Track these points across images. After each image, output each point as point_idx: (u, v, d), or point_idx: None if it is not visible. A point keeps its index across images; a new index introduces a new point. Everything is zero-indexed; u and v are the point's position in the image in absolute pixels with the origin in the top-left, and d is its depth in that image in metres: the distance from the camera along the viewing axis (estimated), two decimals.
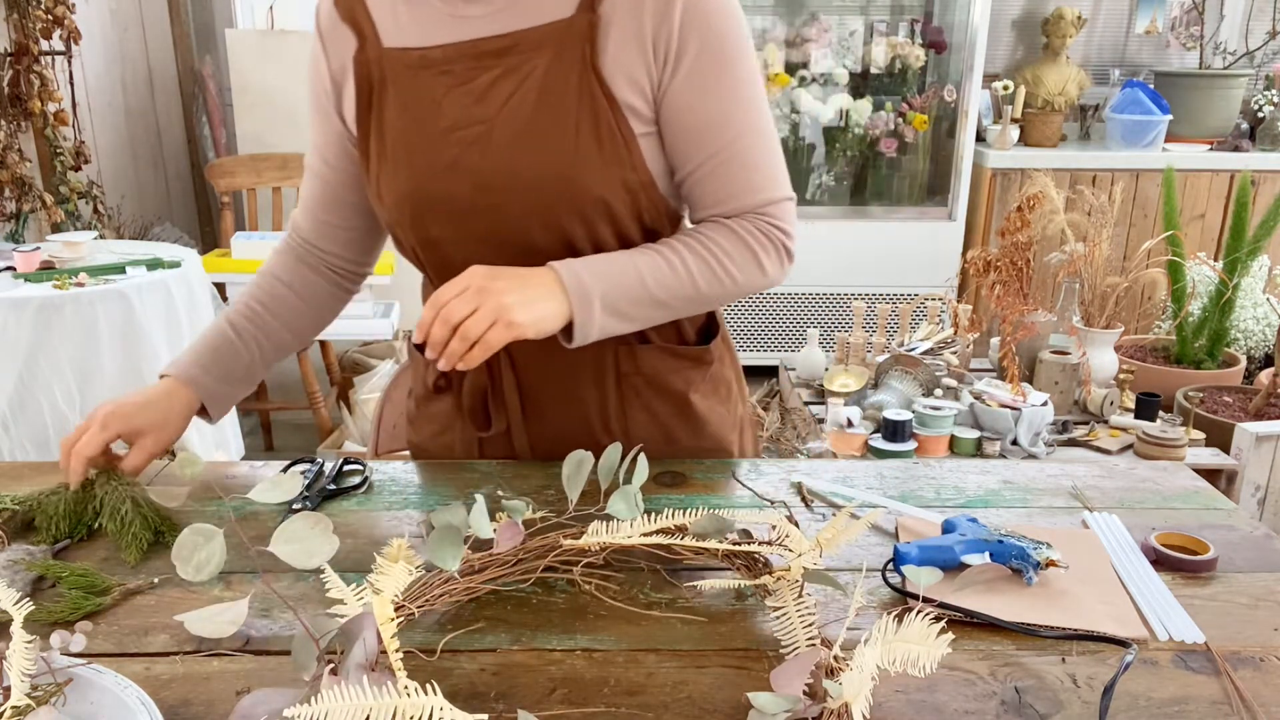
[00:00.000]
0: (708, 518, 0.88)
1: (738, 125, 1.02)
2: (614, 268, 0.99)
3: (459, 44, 1.00)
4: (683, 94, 1.00)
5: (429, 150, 1.02)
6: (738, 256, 1.04)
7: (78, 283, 2.37)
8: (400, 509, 1.04)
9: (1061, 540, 0.94)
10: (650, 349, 1.12)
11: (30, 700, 0.66)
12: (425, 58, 1.02)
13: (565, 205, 1.00)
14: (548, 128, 0.98)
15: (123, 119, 3.63)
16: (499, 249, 1.01)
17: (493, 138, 0.99)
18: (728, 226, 1.04)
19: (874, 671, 0.66)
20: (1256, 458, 2.41)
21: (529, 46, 0.98)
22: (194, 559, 0.87)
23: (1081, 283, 2.87)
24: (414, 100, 1.03)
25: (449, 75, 1.01)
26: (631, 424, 1.14)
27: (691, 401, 1.15)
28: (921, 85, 4.04)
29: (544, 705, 0.72)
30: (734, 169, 1.03)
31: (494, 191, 1.00)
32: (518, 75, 0.99)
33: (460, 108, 1.00)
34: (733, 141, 1.02)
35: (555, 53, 0.98)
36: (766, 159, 1.05)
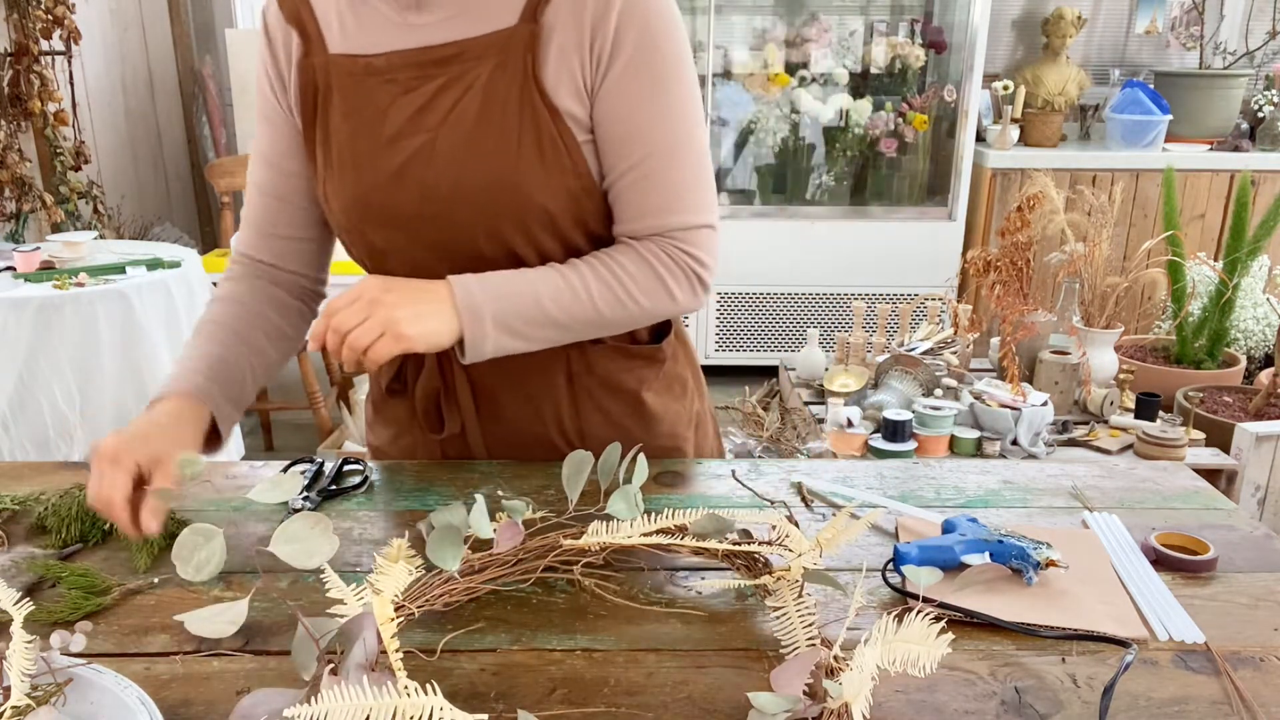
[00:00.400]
0: (708, 518, 0.88)
1: (661, 140, 1.00)
2: (511, 287, 0.98)
3: (405, 51, 1.00)
4: (611, 99, 0.99)
5: (374, 159, 1.01)
6: (644, 282, 1.01)
7: (78, 283, 2.37)
8: (400, 509, 1.04)
9: (1061, 540, 0.94)
10: (602, 349, 1.11)
11: (30, 700, 0.66)
12: (370, 65, 1.01)
13: (509, 214, 0.99)
14: (490, 137, 0.98)
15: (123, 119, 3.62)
16: (445, 258, 1.01)
17: (437, 147, 0.99)
18: (636, 251, 1.02)
19: (874, 671, 0.66)
20: (1256, 458, 2.41)
21: (472, 56, 0.98)
22: (194, 559, 0.87)
23: (1081, 283, 2.87)
24: (359, 108, 1.02)
25: (394, 84, 1.00)
26: (585, 423, 1.13)
27: (644, 399, 1.14)
28: (921, 85, 4.04)
29: (544, 705, 0.72)
30: (653, 185, 1.01)
31: (438, 201, 1.00)
32: (461, 84, 0.99)
33: (405, 117, 1.00)
34: (653, 156, 1.00)
35: (498, 62, 0.98)
36: (689, 180, 1.02)
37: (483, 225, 1.00)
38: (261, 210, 1.13)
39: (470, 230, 1.00)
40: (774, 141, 4.07)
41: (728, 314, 4.03)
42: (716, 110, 4.00)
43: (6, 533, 0.97)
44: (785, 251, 3.94)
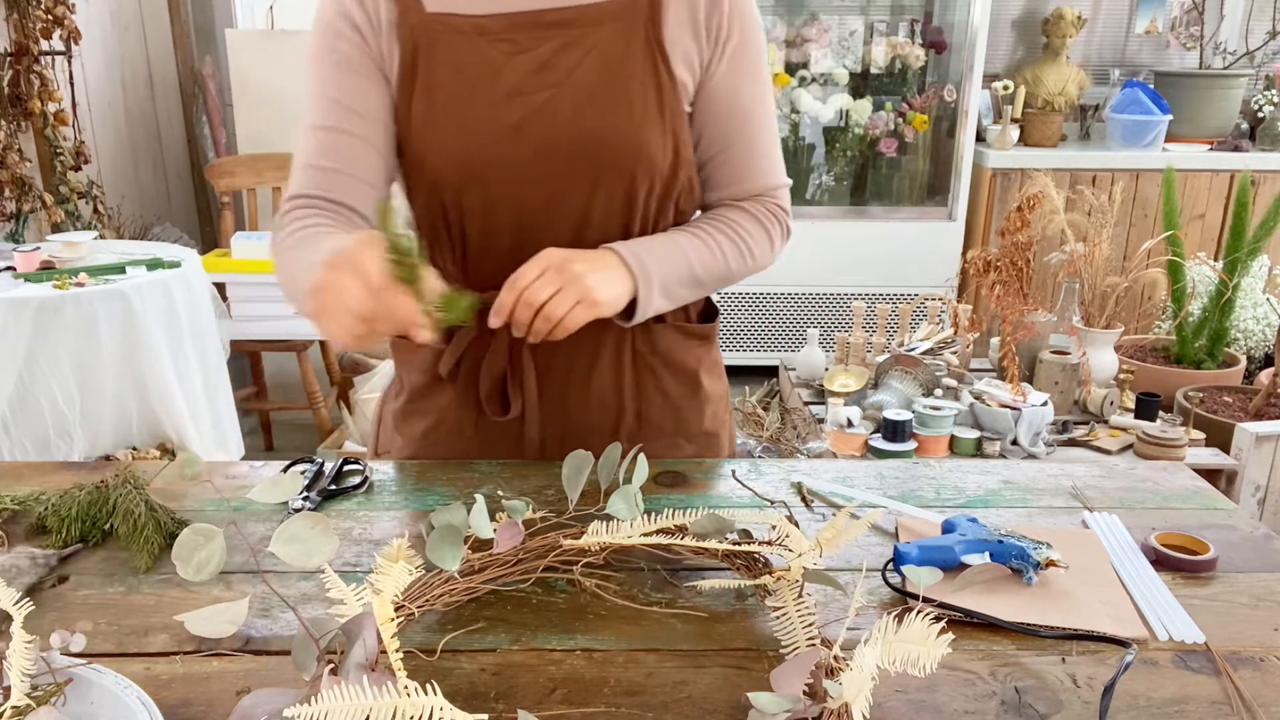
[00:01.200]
0: (708, 518, 0.88)
1: (761, 113, 1.12)
2: (665, 250, 1.06)
3: (517, 13, 1.04)
4: (726, 77, 1.09)
5: (490, 114, 1.03)
6: (758, 236, 1.13)
7: (78, 283, 2.37)
8: (400, 509, 1.04)
9: (1061, 540, 0.94)
10: (664, 327, 1.17)
11: (30, 700, 0.66)
12: (479, 25, 1.04)
13: (625, 171, 1.04)
14: (614, 96, 1.03)
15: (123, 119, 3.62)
16: (552, 216, 1.06)
17: (560, 103, 1.03)
18: (744, 210, 1.14)
19: (874, 671, 0.66)
20: (1256, 458, 2.41)
21: (590, 20, 1.03)
22: (194, 559, 0.87)
23: (1081, 283, 2.87)
24: (470, 65, 1.04)
25: (509, 43, 1.04)
26: (645, 404, 1.17)
27: (701, 380, 1.20)
28: (921, 85, 4.04)
29: (544, 705, 0.72)
30: (754, 153, 1.13)
31: (557, 157, 1.03)
32: (581, 46, 1.03)
33: (522, 74, 1.03)
34: (757, 128, 1.12)
35: (619, 27, 1.03)
36: (776, 146, 1.16)
37: (600, 182, 1.05)
38: (330, 148, 1.06)
39: (585, 188, 1.05)
40: None
41: (728, 314, 4.03)
42: None
43: (6, 533, 0.97)
44: (785, 251, 3.93)
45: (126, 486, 1.00)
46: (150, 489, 1.03)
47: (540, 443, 1.16)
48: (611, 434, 1.16)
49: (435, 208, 1.08)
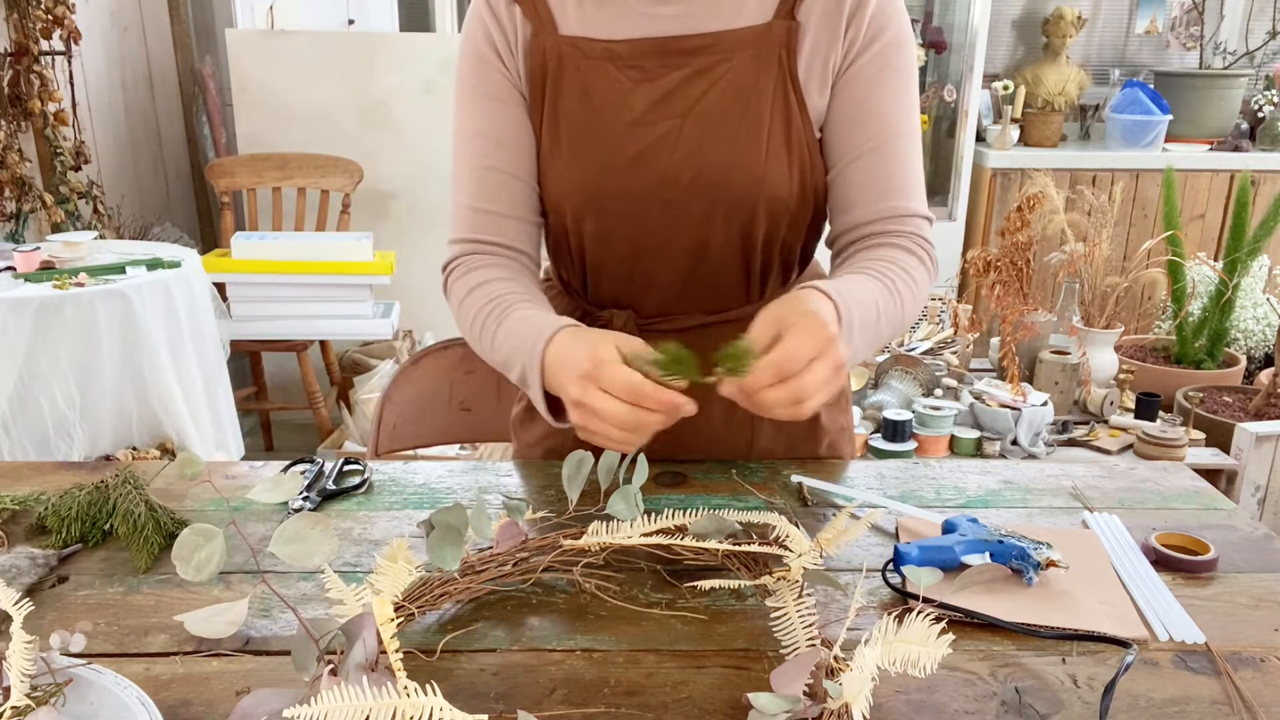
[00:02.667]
0: (708, 518, 0.88)
1: (901, 125, 1.03)
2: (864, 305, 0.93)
3: (648, 40, 1.01)
4: (856, 83, 1.02)
5: (611, 142, 1.02)
6: (921, 280, 1.03)
7: (78, 283, 2.37)
8: (400, 509, 1.04)
9: (1061, 540, 0.94)
10: None
11: (30, 700, 0.66)
12: (610, 50, 1.02)
13: (747, 205, 1.01)
14: (740, 128, 1.00)
15: (123, 119, 3.62)
16: (669, 247, 1.04)
17: (683, 134, 1.01)
18: (902, 249, 1.02)
19: (874, 672, 0.66)
20: (1256, 458, 2.41)
21: (724, 49, 1.00)
22: (194, 559, 0.87)
23: (1081, 283, 2.87)
24: (596, 91, 1.03)
25: (637, 70, 1.02)
26: (759, 435, 1.14)
27: (820, 415, 1.15)
28: (921, 85, 4.04)
29: (544, 705, 0.72)
30: (890, 166, 1.03)
31: (677, 189, 1.01)
32: (710, 76, 1.01)
33: (648, 103, 1.01)
34: (894, 139, 1.03)
35: (752, 56, 1.00)
36: (917, 170, 1.06)
37: (719, 215, 1.02)
38: (488, 188, 1.06)
39: (703, 220, 1.02)
40: None
41: None
42: None
43: (6, 533, 0.97)
44: None
45: (126, 486, 1.00)
46: (150, 489, 1.03)
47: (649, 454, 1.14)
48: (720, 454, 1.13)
49: (558, 228, 1.09)
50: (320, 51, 3.33)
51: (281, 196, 3.35)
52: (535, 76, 1.05)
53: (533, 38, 1.04)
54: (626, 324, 1.09)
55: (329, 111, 3.34)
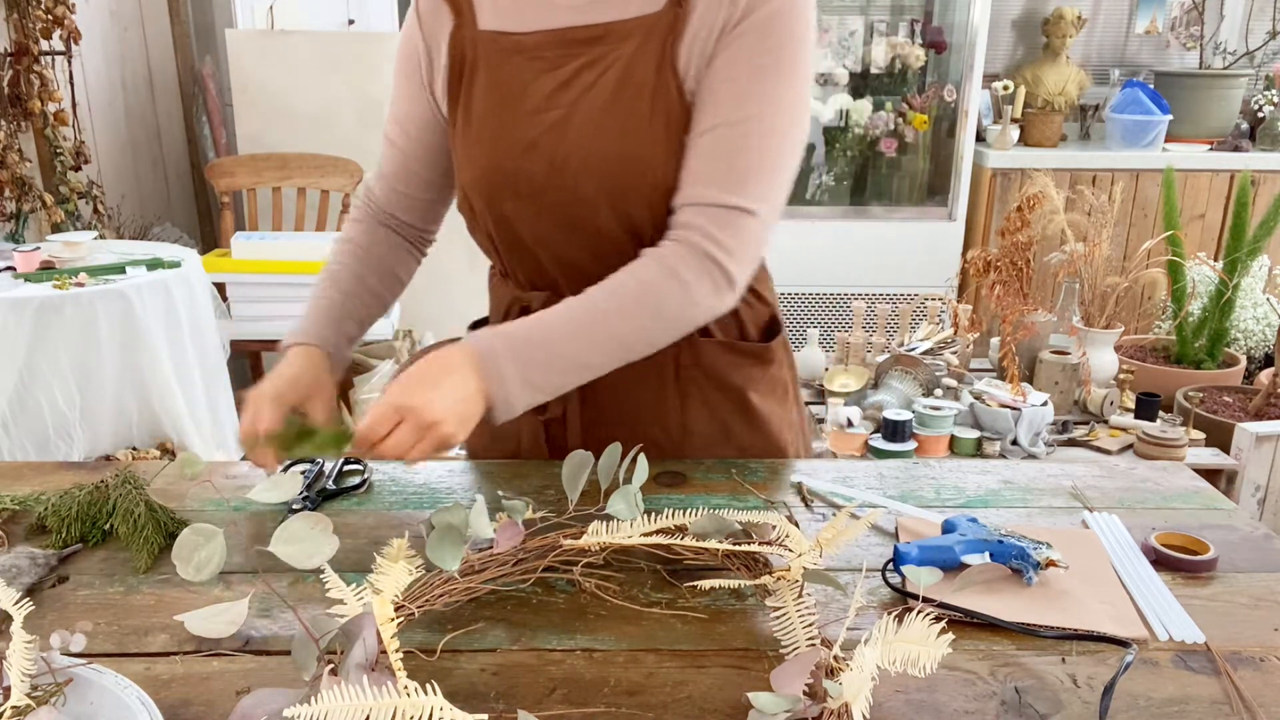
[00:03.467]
0: (708, 518, 0.88)
1: (754, 110, 0.98)
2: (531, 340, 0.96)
3: (551, 31, 1.04)
4: (722, 55, 0.99)
5: (511, 131, 1.05)
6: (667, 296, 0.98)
7: (78, 283, 2.37)
8: (400, 509, 1.04)
9: (1061, 540, 0.94)
10: (711, 343, 1.14)
11: (30, 700, 0.66)
12: (519, 43, 1.05)
13: (633, 189, 1.02)
14: (622, 115, 1.01)
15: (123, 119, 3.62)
16: (569, 230, 1.06)
17: (571, 121, 1.03)
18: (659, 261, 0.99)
19: (874, 671, 0.66)
20: (1256, 458, 2.41)
21: (616, 38, 1.02)
22: (194, 559, 0.87)
23: (1081, 283, 2.87)
24: (503, 82, 1.06)
25: (539, 60, 1.05)
26: (690, 418, 1.15)
27: (750, 400, 1.17)
28: (921, 85, 4.04)
29: (544, 705, 0.72)
30: (719, 153, 0.98)
31: (567, 173, 1.03)
32: (602, 64, 1.02)
33: (544, 92, 1.04)
34: (733, 125, 0.98)
35: (639, 44, 1.01)
36: (757, 163, 0.99)
37: (606, 198, 1.03)
38: (389, 163, 1.20)
39: (594, 203, 1.04)
40: None
41: None
42: None
43: (6, 533, 0.97)
44: (785, 251, 3.93)
45: (126, 486, 1.00)
46: (150, 489, 1.03)
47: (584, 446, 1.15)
48: (657, 442, 1.14)
49: (475, 218, 1.13)
50: (320, 51, 3.33)
51: (281, 196, 3.35)
52: (455, 67, 1.10)
53: (454, 30, 1.09)
54: (546, 303, 1.07)
55: (329, 111, 3.34)
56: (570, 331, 0.97)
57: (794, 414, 1.24)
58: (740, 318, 1.15)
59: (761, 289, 1.18)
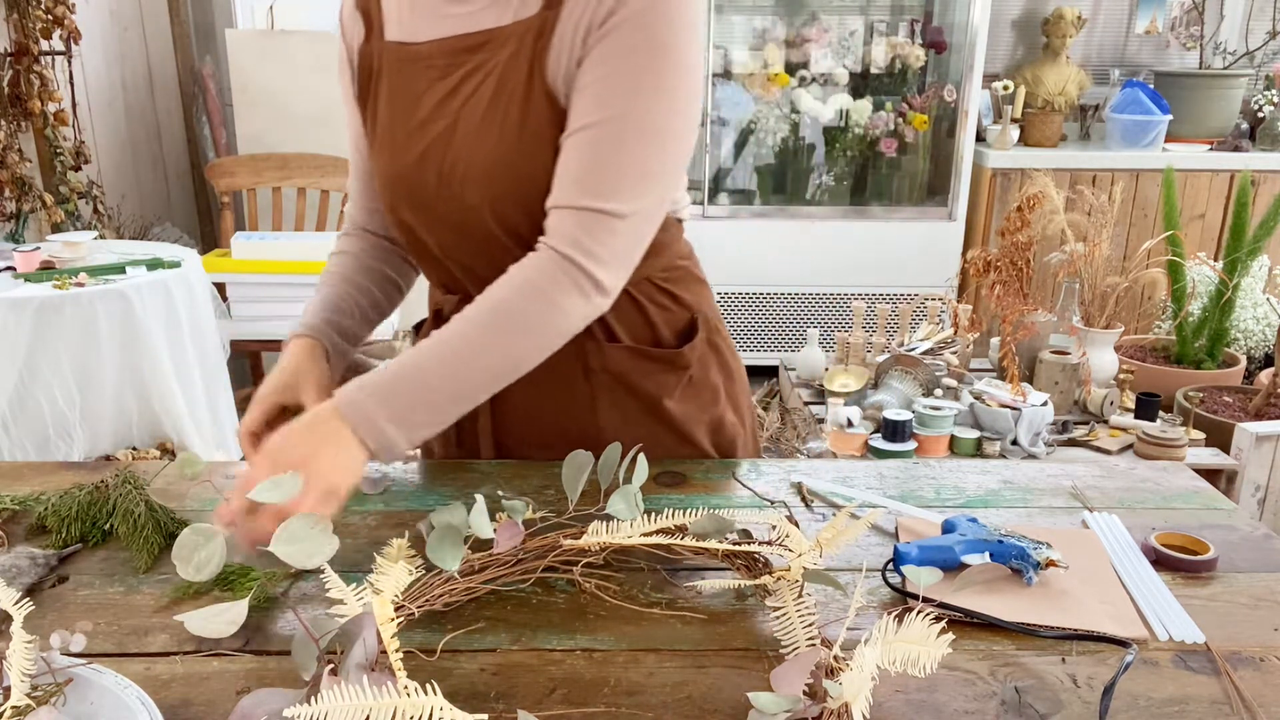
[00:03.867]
0: (708, 518, 0.88)
1: (621, 109, 0.94)
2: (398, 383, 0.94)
3: (442, 40, 1.04)
4: (590, 61, 0.96)
5: (405, 141, 1.06)
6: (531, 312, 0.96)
7: (78, 283, 2.37)
8: (400, 509, 1.04)
9: (1061, 540, 0.94)
10: (617, 348, 1.11)
11: (30, 700, 0.66)
12: (417, 53, 1.06)
13: (513, 196, 1.02)
14: (499, 122, 1.00)
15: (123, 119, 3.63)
16: (462, 237, 1.06)
17: (456, 131, 1.03)
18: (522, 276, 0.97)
19: (874, 671, 0.66)
20: (1256, 458, 2.41)
21: (496, 44, 1.01)
22: (194, 559, 0.87)
23: (1081, 283, 2.87)
24: (400, 92, 1.07)
25: (432, 69, 1.05)
26: (603, 420, 1.13)
27: (665, 406, 1.13)
28: (921, 85, 4.04)
29: (544, 705, 0.72)
30: (590, 152, 0.96)
31: (454, 182, 1.03)
32: (482, 72, 1.02)
33: (434, 102, 1.04)
34: (606, 122, 0.95)
35: (514, 50, 1.00)
36: (633, 165, 0.95)
37: (490, 206, 1.03)
38: (355, 184, 1.22)
39: (480, 212, 1.03)
40: (774, 141, 4.08)
41: (728, 314, 4.03)
42: (716, 110, 4.00)
43: (6, 533, 0.97)
44: (785, 251, 3.94)
45: (126, 486, 1.00)
46: (150, 489, 1.03)
47: (497, 447, 1.17)
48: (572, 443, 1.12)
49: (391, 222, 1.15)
50: (320, 51, 3.33)
51: (281, 196, 3.35)
52: (364, 78, 1.12)
53: (364, 42, 1.11)
54: (456, 308, 1.07)
55: (329, 111, 3.33)
56: (440, 370, 0.95)
57: (728, 416, 1.20)
58: (652, 321, 1.12)
59: (681, 291, 1.15)
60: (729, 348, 1.22)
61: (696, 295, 1.17)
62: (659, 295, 1.13)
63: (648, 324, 1.12)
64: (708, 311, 1.19)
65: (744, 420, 1.24)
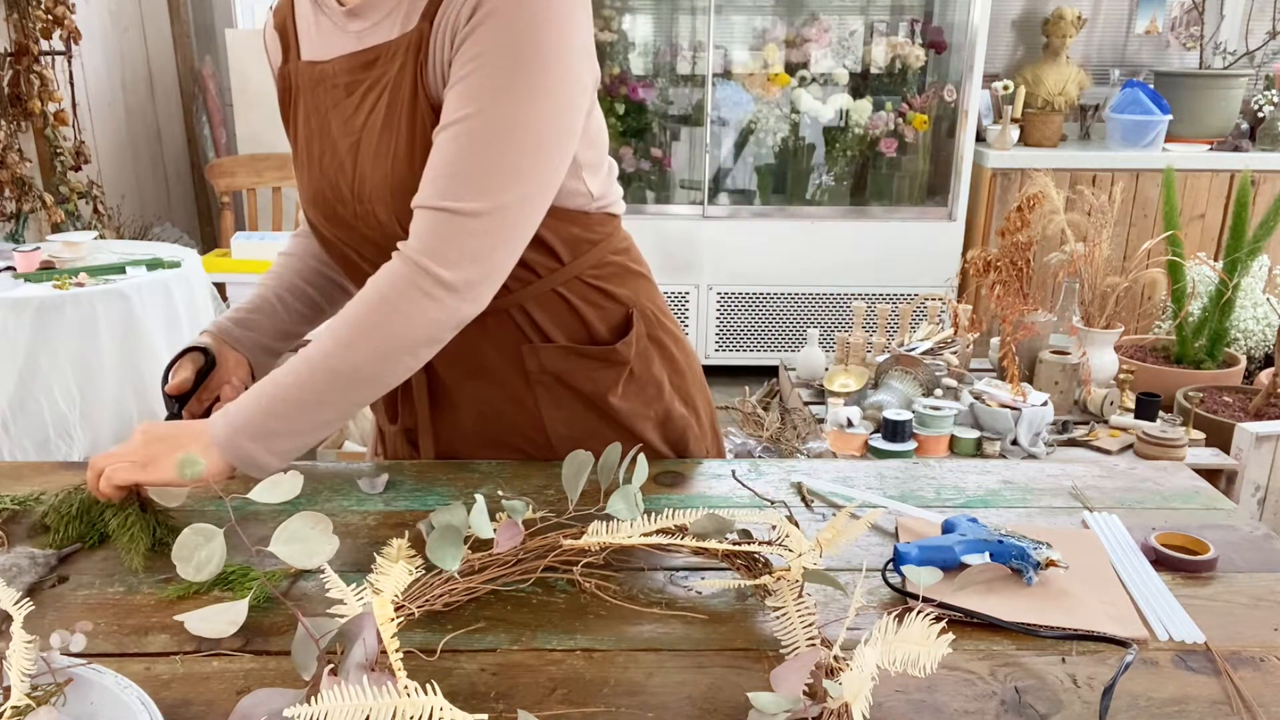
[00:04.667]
0: (708, 518, 0.88)
1: (478, 108, 0.93)
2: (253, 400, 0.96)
3: (344, 57, 1.04)
4: (457, 58, 0.94)
5: (320, 159, 1.06)
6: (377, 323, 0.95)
7: (78, 283, 2.37)
8: (400, 509, 1.04)
9: (1061, 540, 0.94)
10: (552, 348, 1.10)
11: (30, 700, 0.66)
12: (324, 71, 1.06)
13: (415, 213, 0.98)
14: (392, 138, 0.99)
15: (123, 119, 3.63)
16: (381, 252, 1.00)
17: (359, 149, 1.02)
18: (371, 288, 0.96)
19: (874, 671, 0.66)
20: (1256, 458, 2.41)
21: (387, 58, 1.00)
22: (194, 559, 0.87)
23: (1081, 283, 2.87)
24: (313, 111, 1.08)
25: (337, 88, 1.05)
26: (549, 422, 1.13)
27: (610, 402, 1.13)
28: (921, 85, 4.04)
29: (544, 705, 0.72)
30: (448, 152, 0.94)
31: (362, 200, 1.03)
32: (379, 88, 1.01)
33: (342, 119, 1.04)
34: (462, 121, 0.93)
35: (400, 65, 0.99)
36: (484, 161, 0.93)
37: (399, 221, 1.00)
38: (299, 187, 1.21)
39: (389, 227, 1.01)
40: (774, 141, 4.08)
41: (728, 314, 4.03)
42: (716, 110, 4.00)
43: (6, 533, 0.97)
44: (785, 251, 3.94)
45: None
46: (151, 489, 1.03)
47: (438, 453, 1.18)
48: (523, 447, 1.14)
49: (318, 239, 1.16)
50: None
51: (281, 196, 3.35)
52: (283, 100, 1.13)
53: (282, 64, 1.12)
54: None
55: None
56: (300, 395, 0.95)
57: (676, 408, 1.18)
58: (585, 319, 1.10)
59: (615, 286, 1.12)
60: (675, 340, 1.19)
61: (633, 289, 1.14)
62: (591, 293, 1.10)
63: (581, 322, 1.10)
64: (646, 305, 1.15)
65: (697, 411, 1.22)
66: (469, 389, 1.12)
